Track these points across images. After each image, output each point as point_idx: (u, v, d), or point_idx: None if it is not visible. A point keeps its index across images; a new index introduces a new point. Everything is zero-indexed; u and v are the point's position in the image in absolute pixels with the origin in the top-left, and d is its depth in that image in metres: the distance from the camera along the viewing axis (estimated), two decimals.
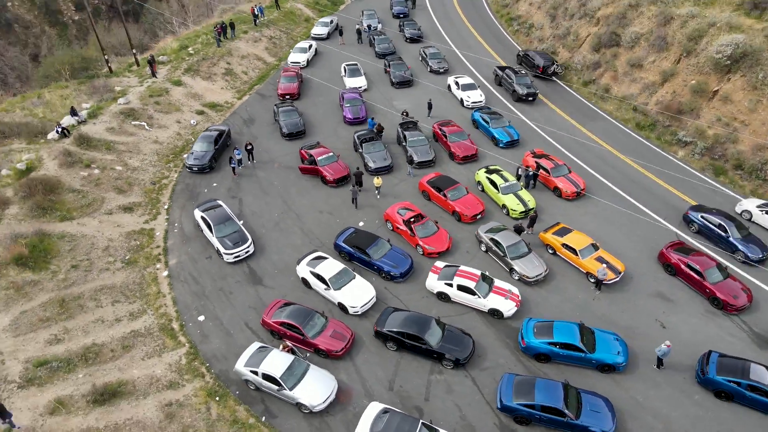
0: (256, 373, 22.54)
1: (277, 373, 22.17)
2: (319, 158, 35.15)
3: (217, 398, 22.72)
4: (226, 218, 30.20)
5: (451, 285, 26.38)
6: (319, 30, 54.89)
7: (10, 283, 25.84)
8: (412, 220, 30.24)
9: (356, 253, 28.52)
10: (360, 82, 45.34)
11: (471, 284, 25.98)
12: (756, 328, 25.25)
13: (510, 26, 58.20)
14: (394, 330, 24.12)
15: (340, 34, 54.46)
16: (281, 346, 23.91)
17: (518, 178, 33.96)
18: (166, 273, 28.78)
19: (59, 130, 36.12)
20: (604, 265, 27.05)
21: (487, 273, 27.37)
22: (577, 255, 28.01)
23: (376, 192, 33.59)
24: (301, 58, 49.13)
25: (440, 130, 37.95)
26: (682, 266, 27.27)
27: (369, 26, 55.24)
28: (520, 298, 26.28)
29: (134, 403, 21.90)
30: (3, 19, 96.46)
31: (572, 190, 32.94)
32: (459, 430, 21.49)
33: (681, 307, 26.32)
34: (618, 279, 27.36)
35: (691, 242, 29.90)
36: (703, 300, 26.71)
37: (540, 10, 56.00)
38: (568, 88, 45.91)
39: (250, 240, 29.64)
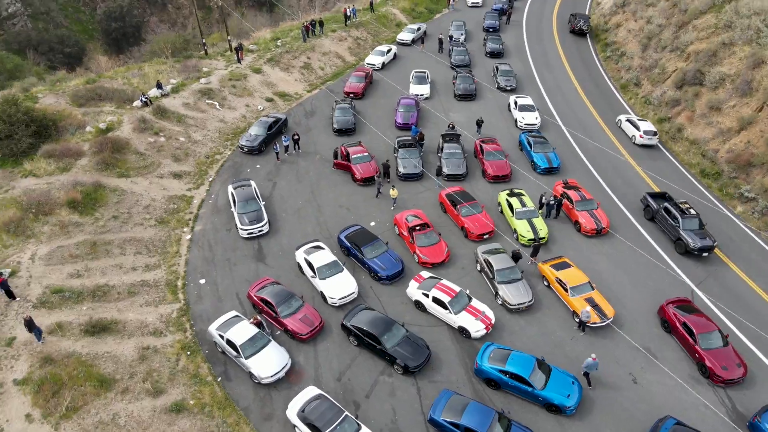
0: (222, 337, 24.87)
1: (238, 341, 24.31)
2: (353, 156, 36.92)
3: (189, 353, 25.35)
4: (250, 197, 32.98)
5: (427, 296, 26.93)
6: (404, 35, 56.59)
7: (58, 221, 30.50)
8: (417, 228, 31.03)
9: (353, 249, 29.95)
10: (423, 90, 46.40)
11: (445, 299, 26.35)
12: (739, 407, 23.12)
13: (603, 52, 55.90)
14: (357, 326, 25.28)
15: (422, 41, 55.76)
16: (252, 318, 26.04)
17: (541, 205, 33.30)
18: (189, 237, 32.17)
19: (143, 99, 41.22)
20: (589, 308, 26.07)
21: (467, 292, 27.50)
22: (566, 291, 27.23)
23: (393, 203, 34.53)
24: (377, 60, 51.16)
25: (480, 146, 38.06)
26: (678, 324, 25.54)
27: (451, 36, 55.93)
28: (492, 322, 26.17)
29: (118, 341, 25.16)
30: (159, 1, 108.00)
31: (592, 227, 31.74)
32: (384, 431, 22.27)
33: (663, 366, 24.70)
34: (604, 324, 26.25)
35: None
36: (692, 364, 24.87)
37: (635, 38, 53.23)
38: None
39: (265, 221, 32.17)
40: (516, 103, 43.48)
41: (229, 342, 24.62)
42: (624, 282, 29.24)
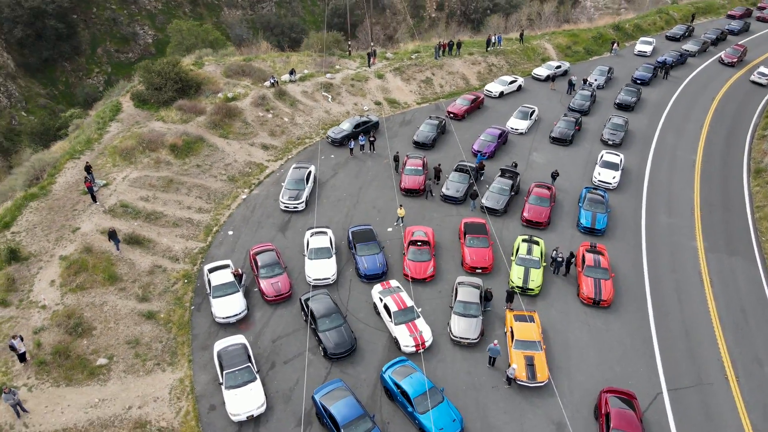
0: (206, 276, 30.26)
1: (213, 282, 29.43)
2: (406, 167, 39.58)
3: (186, 281, 31.26)
4: (299, 179, 37.83)
5: (381, 301, 28.95)
6: (540, 71, 56.30)
7: (156, 157, 38.96)
8: (417, 243, 32.81)
9: (351, 244, 33.03)
10: (521, 125, 46.51)
11: (393, 308, 28.14)
12: None
13: (756, 179, 42.09)
14: (307, 304, 28.54)
15: (552, 79, 54.91)
16: (234, 269, 30.88)
17: (552, 261, 32.33)
18: (244, 197, 38.36)
19: (272, 80, 48.88)
20: (515, 366, 25.57)
21: (419, 310, 28.75)
22: (511, 342, 26.89)
23: (400, 221, 35.80)
24: (496, 88, 52.23)
25: (531, 189, 37.70)
26: (602, 413, 23.78)
27: (584, 80, 54.02)
28: (426, 344, 27.26)
29: (143, 254, 32.09)
30: (380, 4, 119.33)
31: (590, 295, 30.08)
32: (273, 395, 25.34)
33: None
34: (531, 385, 25.50)
35: None
36: None
37: None
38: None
39: (302, 200, 36.81)
40: (602, 157, 41.41)
41: (209, 281, 29.89)
42: (589, 358, 27.53)
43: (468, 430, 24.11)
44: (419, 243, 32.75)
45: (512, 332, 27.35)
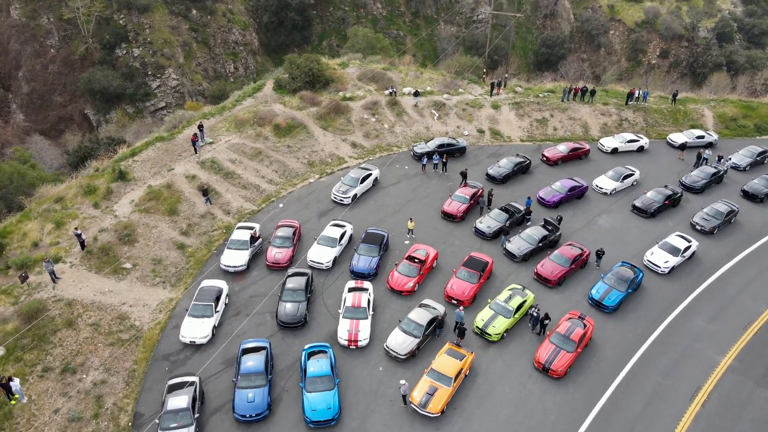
0: (234, 230, 36.71)
1: (232, 237, 35.72)
2: (456, 192, 41.12)
3: (224, 231, 38.00)
4: (356, 177, 42.06)
5: (344, 293, 32.10)
6: (677, 137, 51.12)
7: (259, 131, 46.77)
8: (415, 260, 34.78)
9: (360, 242, 36.42)
10: (607, 184, 43.92)
11: (347, 303, 31.15)
12: None
13: None
14: (287, 277, 33.01)
15: (682, 149, 49.54)
16: (254, 231, 36.51)
17: (530, 319, 31.52)
18: (311, 180, 44.10)
19: (391, 91, 53.69)
20: (406, 383, 26.82)
21: (370, 314, 31.05)
22: (427, 368, 27.91)
23: (410, 233, 38.10)
24: (610, 144, 49.48)
25: (560, 246, 36.39)
26: None
27: (719, 157, 47.62)
28: (357, 343, 29.77)
29: (203, 202, 39.75)
30: (595, 41, 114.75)
31: (540, 361, 29.02)
32: (222, 335, 30.44)
33: None
34: (421, 413, 26.38)
35: None
36: None
37: None
38: None
39: (350, 197, 41.06)
40: (666, 238, 37.46)
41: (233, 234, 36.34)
42: (500, 414, 27.06)
43: (342, 426, 26.22)
44: (415, 260, 34.68)
45: (434, 361, 28.22)
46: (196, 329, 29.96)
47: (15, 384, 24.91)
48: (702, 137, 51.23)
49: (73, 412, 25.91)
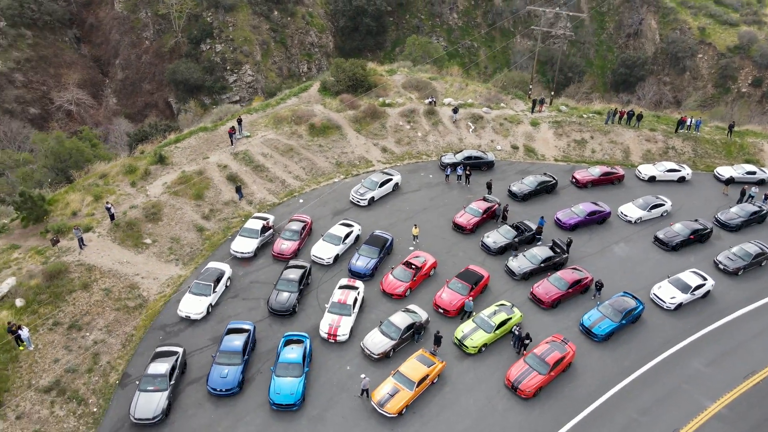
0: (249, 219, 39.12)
1: (245, 226, 38.09)
2: (470, 205, 41.37)
3: (243, 219, 40.53)
4: (375, 181, 43.32)
5: (336, 290, 33.46)
6: (723, 170, 48.36)
7: (295, 129, 49.11)
8: (412, 266, 35.55)
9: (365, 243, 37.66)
10: (632, 212, 42.48)
11: (334, 299, 32.52)
12: None
13: None
14: (285, 267, 34.84)
15: (727, 183, 46.70)
16: (267, 222, 38.61)
17: (512, 337, 31.47)
18: (336, 180, 45.84)
19: (431, 100, 54.46)
20: (367, 379, 27.82)
21: (354, 311, 32.16)
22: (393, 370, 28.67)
23: (415, 240, 38.95)
24: (649, 172, 47.62)
25: (561, 270, 35.95)
26: None
27: (767, 196, 44.52)
28: (337, 338, 31.01)
29: (231, 189, 42.38)
30: (680, 64, 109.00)
31: (510, 379, 29.03)
32: (217, 314, 32.65)
33: None
34: (378, 411, 27.22)
35: None
36: None
37: None
38: None
39: (366, 199, 42.39)
40: (679, 274, 35.82)
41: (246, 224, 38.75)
42: (455, 424, 27.40)
43: (303, 412, 27.56)
44: (411, 266, 35.44)
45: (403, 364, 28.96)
46: (193, 306, 32.40)
47: (24, 333, 28.24)
48: (753, 173, 48.15)
49: (70, 364, 28.96)
